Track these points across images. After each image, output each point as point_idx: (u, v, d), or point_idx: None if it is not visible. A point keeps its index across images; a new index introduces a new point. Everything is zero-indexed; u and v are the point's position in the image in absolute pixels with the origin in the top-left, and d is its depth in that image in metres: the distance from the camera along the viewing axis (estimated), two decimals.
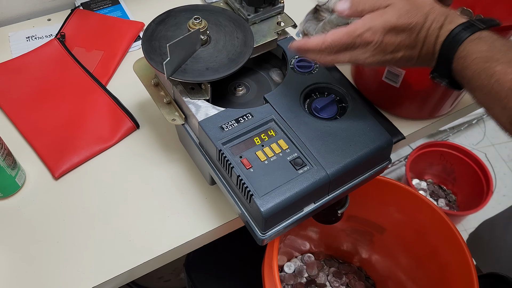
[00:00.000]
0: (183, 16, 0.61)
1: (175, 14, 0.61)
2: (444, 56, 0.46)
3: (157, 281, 1.15)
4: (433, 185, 1.57)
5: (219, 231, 0.63)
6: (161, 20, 0.61)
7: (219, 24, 0.61)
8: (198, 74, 0.55)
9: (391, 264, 0.88)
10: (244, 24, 0.61)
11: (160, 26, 0.60)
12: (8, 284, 0.56)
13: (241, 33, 0.60)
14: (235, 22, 0.61)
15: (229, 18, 0.62)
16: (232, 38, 0.60)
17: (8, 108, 0.73)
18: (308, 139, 0.53)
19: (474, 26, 0.45)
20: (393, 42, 0.47)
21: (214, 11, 0.62)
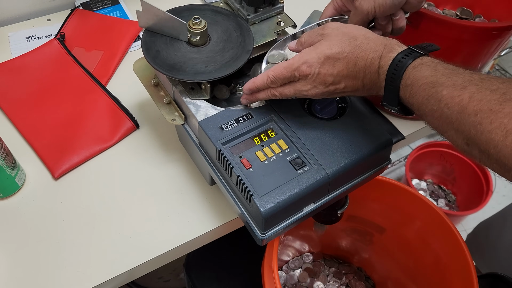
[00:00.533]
0: (183, 16, 0.61)
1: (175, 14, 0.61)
2: (390, 85, 0.46)
3: (157, 281, 1.15)
4: (433, 185, 1.57)
5: (219, 231, 0.63)
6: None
7: (219, 24, 0.61)
8: (198, 74, 0.55)
9: (391, 264, 0.88)
10: (244, 24, 0.61)
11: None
12: (8, 284, 0.56)
13: (241, 33, 0.60)
14: (235, 22, 0.61)
15: (229, 18, 0.62)
16: (231, 38, 0.60)
17: (8, 108, 0.73)
18: (308, 139, 0.53)
19: (415, 53, 0.45)
20: (331, 73, 0.48)
21: (214, 11, 0.62)
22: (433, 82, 0.42)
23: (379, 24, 0.55)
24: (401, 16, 0.55)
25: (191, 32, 0.57)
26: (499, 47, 0.64)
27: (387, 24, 0.55)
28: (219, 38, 0.59)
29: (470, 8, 0.75)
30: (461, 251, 0.69)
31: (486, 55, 0.65)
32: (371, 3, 0.53)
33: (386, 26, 0.55)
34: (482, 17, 0.74)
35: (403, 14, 0.55)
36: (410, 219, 0.79)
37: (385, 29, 0.56)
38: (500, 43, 0.63)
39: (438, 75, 0.42)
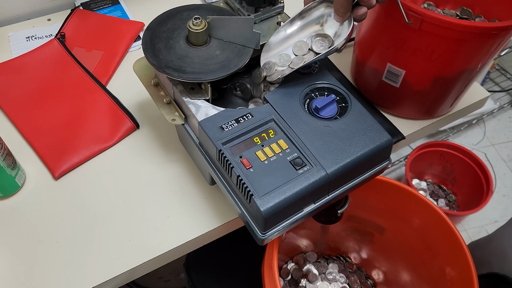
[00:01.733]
0: (183, 16, 0.61)
1: (176, 14, 0.61)
2: None
3: (157, 281, 1.15)
4: (433, 185, 1.57)
5: (219, 231, 0.63)
6: (161, 20, 0.61)
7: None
8: (198, 74, 0.55)
9: (391, 264, 0.88)
10: None
11: (161, 26, 0.60)
12: (8, 284, 0.56)
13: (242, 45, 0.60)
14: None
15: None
16: (230, 47, 0.59)
17: (8, 108, 0.73)
18: (308, 139, 0.53)
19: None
20: None
21: (215, 11, 0.62)
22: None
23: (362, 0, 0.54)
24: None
25: (191, 32, 0.57)
26: (499, 47, 0.64)
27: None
28: (218, 43, 0.59)
29: (470, 8, 0.75)
30: (461, 251, 0.69)
31: (486, 55, 0.65)
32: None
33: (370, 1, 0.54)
34: (482, 17, 0.74)
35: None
36: (410, 219, 0.79)
37: (370, 4, 0.54)
38: (500, 43, 0.63)
39: None
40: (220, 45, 0.59)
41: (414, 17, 0.60)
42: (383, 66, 0.69)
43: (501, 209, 1.56)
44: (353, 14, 0.55)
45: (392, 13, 0.62)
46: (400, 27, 0.63)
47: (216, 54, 0.58)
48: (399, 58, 0.67)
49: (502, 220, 1.53)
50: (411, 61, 0.66)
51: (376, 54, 0.71)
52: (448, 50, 0.62)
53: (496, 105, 1.79)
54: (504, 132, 1.79)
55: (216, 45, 0.59)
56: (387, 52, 0.68)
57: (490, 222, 1.53)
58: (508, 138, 1.77)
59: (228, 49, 0.58)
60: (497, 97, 1.85)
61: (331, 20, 0.59)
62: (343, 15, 0.55)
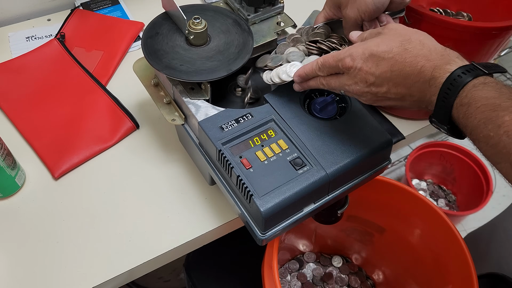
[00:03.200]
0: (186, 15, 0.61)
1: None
2: (443, 101, 0.42)
3: (157, 281, 1.15)
4: (433, 185, 1.57)
5: (219, 231, 0.63)
6: (161, 19, 0.61)
7: (219, 24, 0.61)
8: (198, 74, 0.55)
9: (391, 264, 0.88)
10: (244, 24, 0.61)
11: (161, 26, 0.60)
12: (8, 284, 0.56)
13: (241, 33, 0.60)
14: (235, 22, 0.61)
15: (230, 18, 0.62)
16: (232, 39, 0.60)
17: (8, 108, 0.73)
18: (308, 139, 0.53)
19: (478, 70, 0.41)
20: (372, 72, 0.45)
21: (215, 11, 0.62)
22: (494, 105, 0.38)
23: (367, 29, 0.55)
24: (387, 20, 0.55)
25: (191, 32, 0.57)
26: (499, 47, 0.64)
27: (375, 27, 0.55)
28: (219, 39, 0.59)
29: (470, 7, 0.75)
30: (461, 251, 0.69)
31: (486, 55, 0.65)
32: (356, 11, 0.53)
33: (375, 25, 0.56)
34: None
35: (389, 18, 0.56)
36: (410, 219, 0.79)
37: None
38: (500, 43, 0.63)
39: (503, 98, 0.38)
40: (219, 46, 0.59)
41: (414, 17, 0.60)
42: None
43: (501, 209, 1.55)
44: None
45: None
46: None
47: (215, 54, 0.58)
48: None
49: None
50: None
51: None
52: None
53: None
54: None
55: (215, 45, 0.59)
56: None
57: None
58: None
59: (227, 49, 0.58)
60: None
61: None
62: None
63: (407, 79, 0.44)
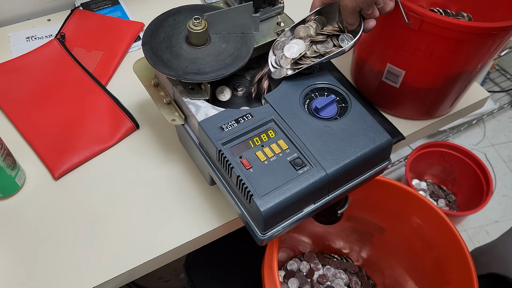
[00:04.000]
0: (183, 16, 0.61)
1: (176, 14, 0.61)
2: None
3: (157, 281, 1.15)
4: (433, 185, 1.57)
5: (219, 231, 0.63)
6: (161, 20, 0.61)
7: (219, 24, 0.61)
8: (198, 74, 0.55)
9: (391, 264, 0.88)
10: None
11: (161, 26, 0.60)
12: (8, 284, 0.56)
13: (242, 35, 0.60)
14: None
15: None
16: (232, 40, 0.60)
17: (8, 108, 0.73)
18: (308, 139, 0.53)
19: None
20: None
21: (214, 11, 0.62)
22: None
23: (366, 14, 0.57)
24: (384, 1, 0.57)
25: (191, 32, 0.57)
26: (499, 47, 0.64)
27: (374, 11, 0.57)
28: (219, 39, 0.59)
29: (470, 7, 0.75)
30: (461, 251, 0.69)
31: (486, 55, 0.65)
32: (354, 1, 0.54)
33: (374, 13, 0.57)
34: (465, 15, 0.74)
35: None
36: (410, 219, 0.79)
37: (374, 16, 0.57)
38: (500, 43, 0.63)
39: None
40: (219, 46, 0.59)
41: (414, 17, 0.60)
42: (383, 66, 0.69)
43: (501, 209, 1.56)
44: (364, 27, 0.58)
45: (392, 13, 0.62)
46: (400, 27, 0.63)
47: (215, 54, 0.58)
48: (399, 58, 0.67)
49: (502, 221, 1.53)
50: (411, 61, 0.66)
51: (376, 54, 0.71)
52: (448, 50, 0.62)
53: (496, 106, 1.79)
54: (504, 133, 1.79)
55: (215, 45, 0.59)
56: (387, 52, 0.68)
57: (490, 223, 1.53)
58: (508, 138, 1.77)
59: (227, 50, 0.58)
60: (497, 98, 1.85)
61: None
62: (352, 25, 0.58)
63: None
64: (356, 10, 0.56)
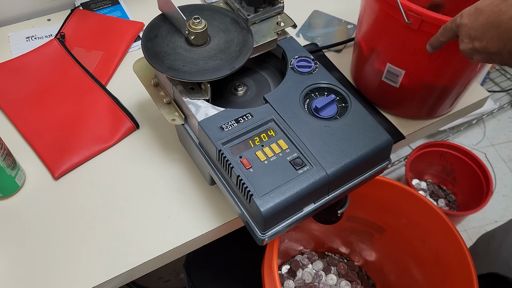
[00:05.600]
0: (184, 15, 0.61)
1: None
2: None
3: (157, 281, 1.15)
4: (433, 185, 1.57)
5: (219, 231, 0.63)
6: (161, 19, 0.61)
7: (217, 23, 0.61)
8: (198, 74, 0.55)
9: (391, 264, 0.88)
10: (244, 24, 0.61)
11: (161, 26, 0.60)
12: (8, 284, 0.56)
13: (241, 33, 0.60)
14: (235, 22, 0.61)
15: (229, 18, 0.62)
16: (232, 38, 0.60)
17: (8, 108, 0.73)
18: (308, 139, 0.53)
19: None
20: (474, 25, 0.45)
21: (214, 11, 0.62)
22: None
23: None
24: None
25: (192, 32, 0.57)
26: None
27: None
28: (219, 38, 0.59)
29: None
30: (461, 251, 0.69)
31: None
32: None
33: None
34: None
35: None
36: (410, 219, 0.79)
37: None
38: None
39: None
40: (219, 45, 0.59)
41: (413, 17, 0.60)
42: (383, 66, 0.69)
43: (501, 209, 1.56)
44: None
45: (392, 13, 0.62)
46: (400, 27, 0.63)
47: (215, 54, 0.58)
48: (399, 58, 0.67)
49: (502, 220, 1.53)
50: (411, 61, 0.66)
51: (376, 54, 0.71)
52: (448, 50, 0.62)
53: (496, 105, 1.79)
54: (504, 132, 1.79)
55: (215, 45, 0.59)
56: (387, 52, 0.68)
57: (490, 222, 1.53)
58: (508, 138, 1.77)
59: (227, 49, 0.58)
60: (497, 97, 1.85)
61: None
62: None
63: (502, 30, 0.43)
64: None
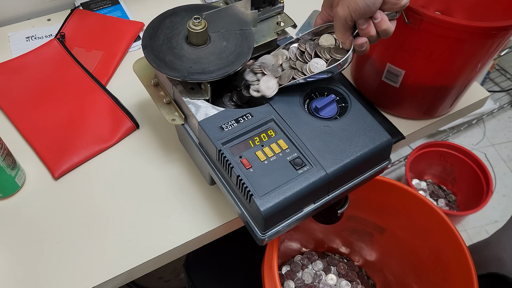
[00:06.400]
0: (183, 16, 0.61)
1: (175, 14, 0.61)
2: None
3: (157, 281, 1.15)
4: (433, 185, 1.57)
5: (219, 231, 0.63)
6: (161, 20, 0.61)
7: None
8: (198, 74, 0.55)
9: (391, 264, 0.88)
10: None
11: (160, 26, 0.60)
12: (8, 284, 0.56)
13: (241, 33, 0.60)
14: None
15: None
16: (232, 38, 0.60)
17: (8, 108, 0.73)
18: (308, 139, 0.53)
19: None
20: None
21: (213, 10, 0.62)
22: None
23: (360, 29, 0.53)
24: (382, 18, 0.52)
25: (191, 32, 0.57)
26: (499, 47, 0.64)
27: (368, 28, 0.53)
28: (219, 38, 0.59)
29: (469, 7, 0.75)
30: (461, 251, 0.69)
31: (486, 55, 0.65)
32: (346, 9, 0.51)
33: (368, 30, 0.53)
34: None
35: (384, 16, 0.52)
36: (410, 219, 0.79)
37: (369, 34, 0.53)
38: (500, 43, 0.63)
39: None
40: (219, 45, 0.59)
41: (413, 17, 0.60)
42: (383, 66, 0.69)
43: (501, 209, 1.56)
44: (353, 44, 0.54)
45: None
46: (400, 27, 0.63)
47: (215, 54, 0.58)
48: (399, 58, 0.67)
49: (502, 220, 1.53)
50: (411, 61, 0.66)
51: (376, 54, 0.71)
52: (448, 50, 0.62)
53: (496, 105, 1.79)
54: (504, 132, 1.79)
55: (215, 45, 0.59)
56: (387, 52, 0.68)
57: (490, 222, 1.53)
58: (508, 138, 1.77)
59: (227, 50, 0.58)
60: (497, 97, 1.85)
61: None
62: (344, 42, 0.55)
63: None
64: (348, 22, 0.52)
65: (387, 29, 0.53)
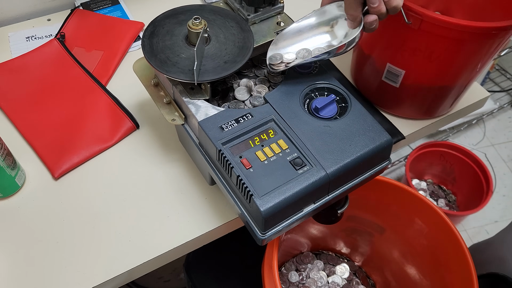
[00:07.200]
0: (183, 16, 0.61)
1: (175, 14, 0.61)
2: None
3: (157, 281, 1.15)
4: (433, 185, 1.57)
5: (219, 231, 0.63)
6: (161, 20, 0.61)
7: (219, 24, 0.61)
8: (203, 73, 0.55)
9: (391, 264, 0.88)
10: (244, 24, 0.61)
11: (161, 26, 0.60)
12: (8, 284, 0.56)
13: (241, 33, 0.60)
14: (235, 22, 0.61)
15: (229, 18, 0.62)
16: (232, 38, 0.60)
17: (8, 108, 0.73)
18: (308, 139, 0.53)
19: None
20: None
21: (214, 11, 0.62)
22: None
23: (372, 7, 0.54)
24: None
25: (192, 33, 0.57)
26: (498, 47, 0.64)
27: (380, 5, 0.53)
28: (219, 38, 0.59)
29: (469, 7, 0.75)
30: (461, 251, 0.69)
31: (486, 55, 0.65)
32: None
33: (380, 8, 0.54)
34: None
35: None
36: (410, 219, 0.79)
37: (380, 11, 0.54)
38: (499, 43, 0.63)
39: None
40: (219, 46, 0.59)
41: (413, 17, 0.60)
42: (383, 66, 0.69)
43: (501, 209, 1.56)
44: (364, 22, 0.55)
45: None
46: (400, 27, 0.63)
47: (215, 54, 0.58)
48: (399, 58, 0.67)
49: (502, 220, 1.53)
50: (411, 61, 0.66)
51: (376, 54, 0.71)
52: (448, 50, 0.62)
53: (496, 105, 1.79)
54: (504, 132, 1.79)
55: (215, 45, 0.59)
56: (387, 52, 0.68)
57: (490, 222, 1.53)
58: (508, 138, 1.77)
59: (227, 50, 0.58)
60: (497, 97, 1.85)
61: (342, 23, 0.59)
62: (354, 19, 0.56)
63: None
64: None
65: (397, 5, 0.54)
